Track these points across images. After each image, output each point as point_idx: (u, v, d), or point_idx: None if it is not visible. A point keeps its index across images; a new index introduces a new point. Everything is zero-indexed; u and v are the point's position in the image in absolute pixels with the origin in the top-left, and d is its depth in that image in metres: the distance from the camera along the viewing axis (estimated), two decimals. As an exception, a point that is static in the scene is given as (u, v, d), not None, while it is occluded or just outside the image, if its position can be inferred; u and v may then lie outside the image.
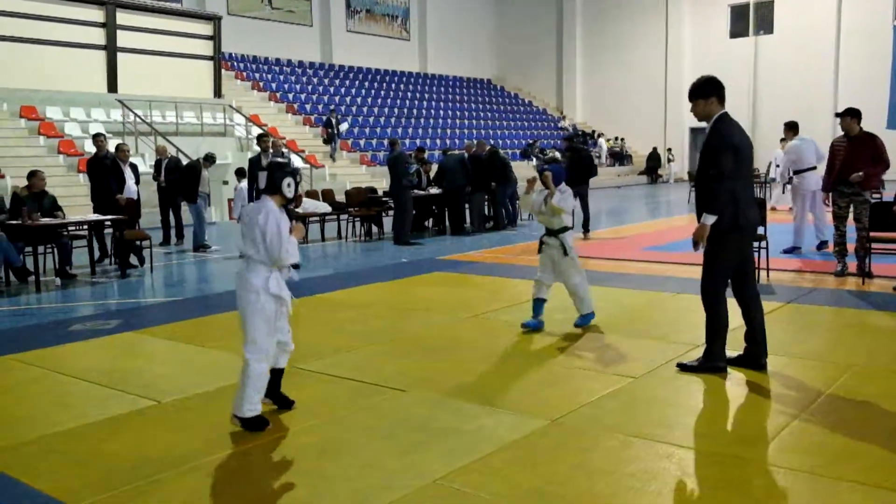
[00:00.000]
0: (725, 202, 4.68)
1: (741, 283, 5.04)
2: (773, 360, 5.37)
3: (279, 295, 4.19)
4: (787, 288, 8.05)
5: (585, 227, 12.96)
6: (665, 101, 34.47)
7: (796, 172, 10.54)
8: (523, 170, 20.29)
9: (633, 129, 34.84)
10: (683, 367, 5.03)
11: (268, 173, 4.37)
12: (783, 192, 15.01)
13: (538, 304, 6.31)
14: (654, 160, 32.75)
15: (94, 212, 10.68)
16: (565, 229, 6.27)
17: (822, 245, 10.42)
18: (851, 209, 8.51)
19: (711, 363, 4.97)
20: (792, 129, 10.88)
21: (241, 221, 4.39)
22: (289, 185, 4.33)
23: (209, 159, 13.12)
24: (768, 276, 8.53)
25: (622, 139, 34.86)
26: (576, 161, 12.85)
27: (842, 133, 8.51)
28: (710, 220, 4.71)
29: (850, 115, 8.39)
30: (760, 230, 8.52)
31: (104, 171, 11.03)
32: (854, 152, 8.33)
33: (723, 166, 4.67)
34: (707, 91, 4.85)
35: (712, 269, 4.90)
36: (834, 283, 8.19)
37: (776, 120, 30.82)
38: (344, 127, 19.38)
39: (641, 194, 25.97)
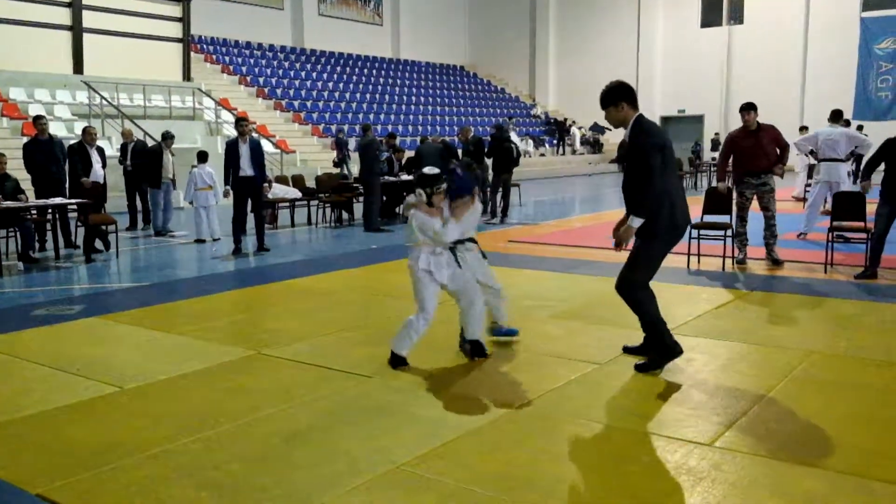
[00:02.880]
0: (660, 203, 4.57)
1: None
2: (735, 346, 5.46)
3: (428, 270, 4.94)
4: (750, 276, 8.16)
5: (504, 213, 14.10)
6: (637, 89, 34.52)
7: (821, 161, 10.77)
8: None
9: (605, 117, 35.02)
10: (640, 368, 4.81)
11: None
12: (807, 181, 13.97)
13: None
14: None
15: (37, 197, 10.35)
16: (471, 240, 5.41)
17: (801, 234, 10.71)
18: (756, 199, 8.68)
19: (667, 356, 4.82)
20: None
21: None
22: (418, 194, 5.01)
23: (167, 137, 12.76)
24: (734, 264, 8.64)
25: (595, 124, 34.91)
26: (498, 151, 13.93)
27: (741, 126, 8.67)
28: (636, 222, 4.61)
29: (753, 110, 8.54)
30: (726, 219, 8.68)
31: (44, 154, 10.55)
32: (759, 143, 8.47)
33: (653, 166, 4.54)
34: (614, 98, 4.73)
35: (642, 266, 4.76)
36: (797, 272, 8.31)
37: (746, 110, 31.33)
38: (353, 146, 18.84)
39: (612, 182, 26.11)
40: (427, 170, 5.11)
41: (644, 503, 3.15)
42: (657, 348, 4.87)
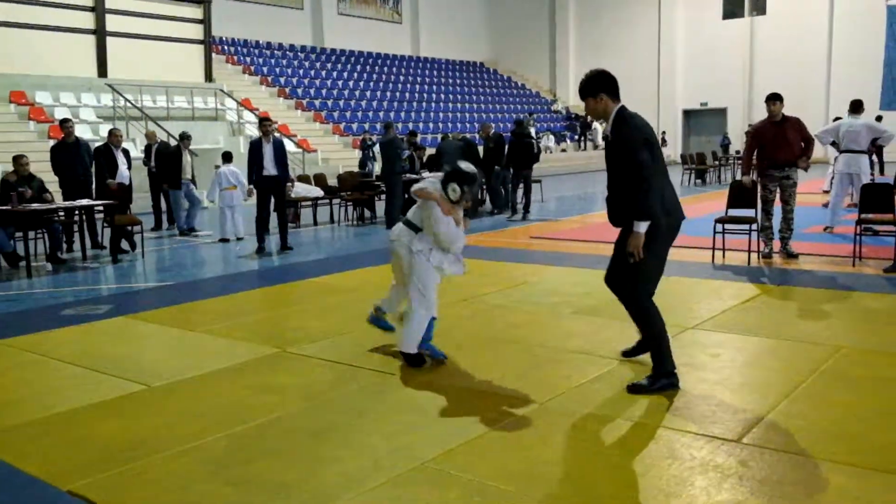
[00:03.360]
0: (654, 202, 4.13)
1: None
2: (762, 342, 5.40)
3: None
4: (776, 270, 8.07)
5: (526, 209, 14.02)
6: (658, 83, 34.44)
7: (842, 152, 10.65)
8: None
9: (627, 112, 34.73)
10: (633, 389, 4.38)
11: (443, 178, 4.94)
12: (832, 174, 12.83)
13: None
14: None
15: (64, 199, 10.58)
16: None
17: (827, 228, 10.63)
18: (778, 192, 8.59)
19: (662, 381, 4.37)
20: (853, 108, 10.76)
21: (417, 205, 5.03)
22: (453, 189, 4.86)
23: (185, 137, 12.86)
24: (759, 258, 8.56)
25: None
26: (518, 147, 13.86)
27: (765, 117, 8.56)
28: (642, 227, 4.13)
29: (779, 100, 8.44)
30: (751, 213, 8.59)
31: (70, 156, 10.75)
32: (783, 135, 8.38)
33: (642, 161, 4.08)
34: (593, 88, 4.23)
35: (640, 276, 4.33)
36: (825, 266, 8.21)
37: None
38: (377, 149, 18.89)
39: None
40: (465, 166, 4.91)
41: (670, 501, 3.13)
42: (658, 369, 4.39)
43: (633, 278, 4.36)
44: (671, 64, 34.02)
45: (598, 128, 33.87)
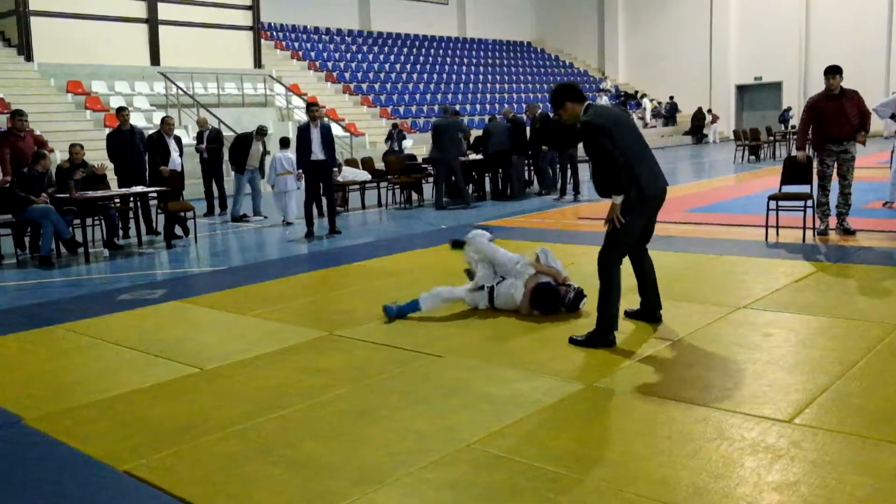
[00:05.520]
0: (624, 180, 4.75)
1: (637, 245, 5.16)
2: (816, 320, 5.27)
3: None
4: (832, 247, 7.86)
5: (576, 190, 13.83)
6: (710, 58, 33.65)
7: None
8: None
9: (678, 88, 34.06)
10: (573, 341, 4.97)
11: None
12: None
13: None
14: (698, 120, 32.03)
15: (120, 187, 10.83)
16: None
17: (886, 203, 10.35)
18: (836, 166, 8.34)
19: (600, 343, 4.87)
20: None
21: None
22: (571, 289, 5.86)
23: (260, 132, 12.96)
24: (814, 235, 8.34)
25: (671, 97, 33.87)
26: (560, 126, 13.31)
27: (822, 90, 8.31)
28: (617, 199, 4.80)
29: (839, 73, 8.17)
30: (806, 189, 8.37)
31: (125, 144, 10.95)
32: (841, 109, 8.13)
33: (605, 148, 4.73)
34: (557, 101, 5.00)
35: (618, 240, 4.93)
36: (883, 242, 7.96)
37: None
38: (408, 143, 18.67)
39: (685, 155, 25.50)
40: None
41: (719, 482, 3.08)
42: (598, 328, 4.92)
43: (606, 242, 4.97)
44: (724, 38, 33.18)
45: (648, 105, 33.31)
